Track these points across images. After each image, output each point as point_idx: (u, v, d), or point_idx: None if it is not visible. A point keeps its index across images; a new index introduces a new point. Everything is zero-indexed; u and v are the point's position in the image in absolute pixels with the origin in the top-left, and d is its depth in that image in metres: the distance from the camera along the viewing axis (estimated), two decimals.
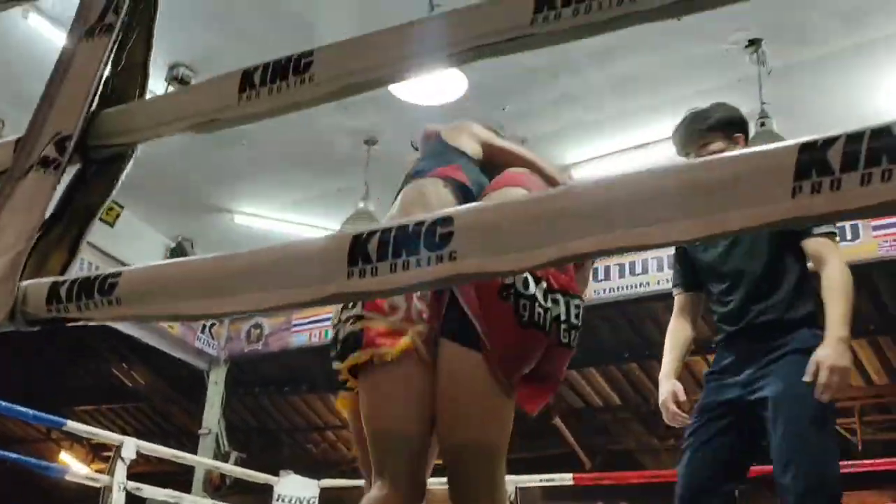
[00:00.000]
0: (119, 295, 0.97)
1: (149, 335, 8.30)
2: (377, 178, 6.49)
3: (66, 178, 1.23)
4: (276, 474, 6.69)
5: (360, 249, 0.84)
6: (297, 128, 6.32)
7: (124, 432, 11.19)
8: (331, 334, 1.99)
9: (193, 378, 10.36)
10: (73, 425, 5.40)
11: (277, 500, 6.45)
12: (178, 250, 8.02)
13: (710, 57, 5.41)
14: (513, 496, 5.74)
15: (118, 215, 7.44)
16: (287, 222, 7.54)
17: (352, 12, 5.17)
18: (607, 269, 6.87)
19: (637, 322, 8.71)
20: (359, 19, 5.10)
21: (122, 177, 1.25)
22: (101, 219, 4.80)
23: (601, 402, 10.01)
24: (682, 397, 2.70)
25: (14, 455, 5.53)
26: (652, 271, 6.72)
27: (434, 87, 5.35)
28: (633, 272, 6.72)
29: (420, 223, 0.82)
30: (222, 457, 8.11)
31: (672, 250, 6.47)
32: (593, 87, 5.78)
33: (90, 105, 1.20)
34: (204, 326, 8.58)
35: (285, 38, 5.19)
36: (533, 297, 1.85)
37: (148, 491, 5.80)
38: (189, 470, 11.06)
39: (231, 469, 6.91)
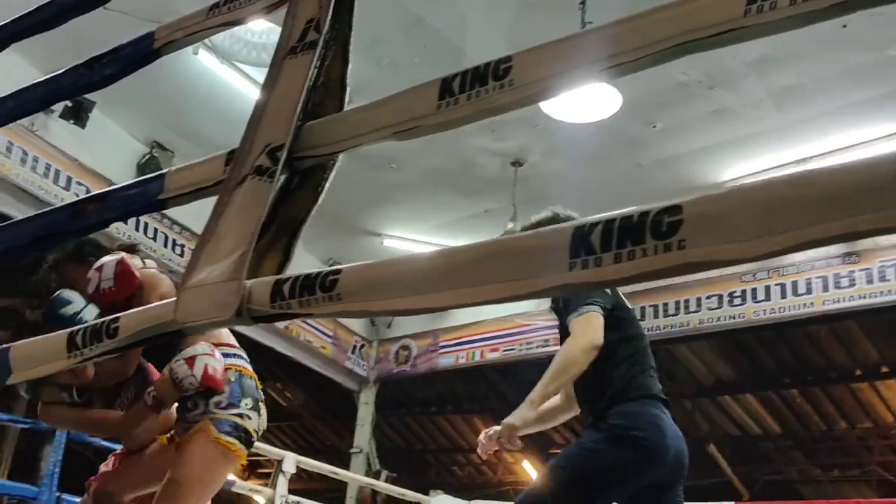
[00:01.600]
0: (340, 291, 1.01)
1: (304, 355, 8.61)
2: (525, 199, 6.51)
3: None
4: (425, 494, 6.76)
5: (582, 241, 0.85)
6: (444, 150, 6.44)
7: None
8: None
9: (343, 398, 10.65)
10: None
11: None
12: None
13: (875, 64, 5.16)
14: None
15: None
16: (436, 245, 7.67)
17: (500, 35, 5.24)
18: (767, 290, 6.60)
19: (798, 346, 8.33)
20: (507, 42, 5.16)
21: (327, 186, 1.30)
22: None
23: (759, 429, 9.59)
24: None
25: None
26: (816, 291, 6.40)
27: (586, 104, 5.32)
28: (795, 292, 6.42)
29: (645, 213, 0.82)
30: (373, 476, 8.26)
31: (832, 269, 6.16)
32: (751, 100, 5.61)
33: (298, 117, 1.27)
34: (354, 347, 8.81)
35: (434, 64, 5.32)
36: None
37: None
38: (339, 488, 11.33)
39: (385, 487, 7.01)
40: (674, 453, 2.67)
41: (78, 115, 6.25)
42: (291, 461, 5.67)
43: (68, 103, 6.16)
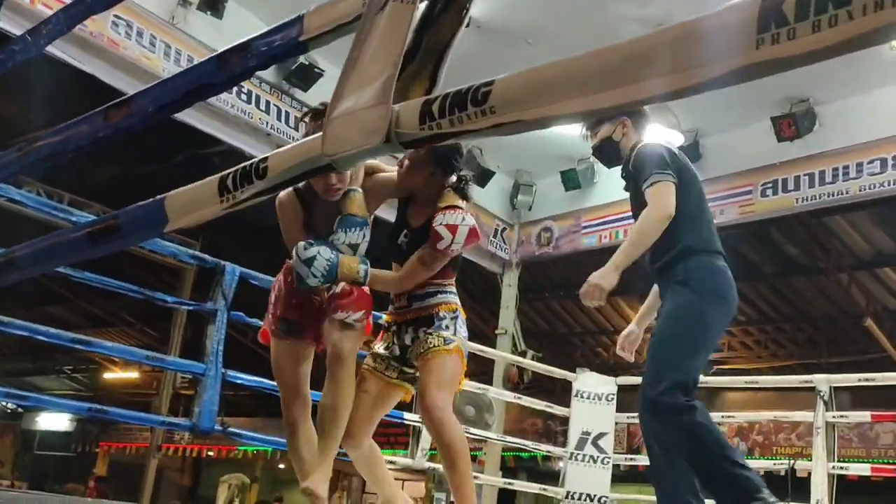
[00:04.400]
0: (493, 104, 0.94)
1: None
2: None
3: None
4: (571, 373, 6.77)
5: (772, 12, 0.74)
6: (584, 22, 6.16)
7: None
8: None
9: (485, 282, 10.76)
10: None
11: (577, 395, 6.53)
12: None
13: None
14: (826, 395, 5.38)
15: None
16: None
17: None
18: None
19: None
20: None
21: (471, 8, 1.22)
22: None
23: None
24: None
25: None
26: None
27: None
28: None
29: None
30: (519, 356, 8.38)
31: None
32: None
33: None
34: (496, 231, 8.82)
35: None
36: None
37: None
38: (485, 370, 11.54)
39: (531, 364, 7.09)
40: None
41: (214, 5, 6.34)
42: None
43: None
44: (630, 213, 3.32)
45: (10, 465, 18.62)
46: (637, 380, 7.28)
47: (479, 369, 12.19)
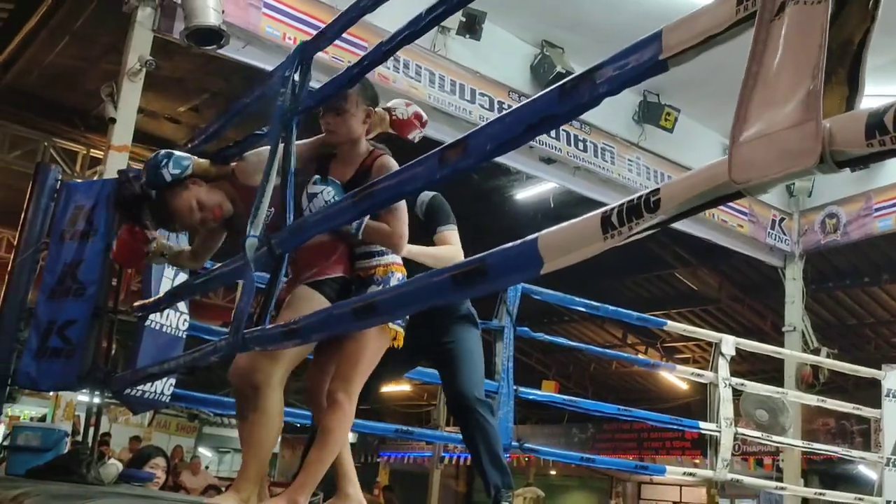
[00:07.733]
0: None
1: (719, 237, 8.30)
2: None
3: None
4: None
5: None
6: None
7: None
8: None
9: (762, 276, 10.14)
10: (672, 325, 5.60)
11: (888, 395, 5.94)
12: None
13: None
14: None
15: (675, 119, 7.48)
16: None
17: None
18: None
19: None
20: None
21: (881, 2, 1.07)
22: (659, 125, 4.80)
23: None
24: None
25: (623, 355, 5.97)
26: None
27: None
28: None
29: None
30: (812, 353, 7.79)
31: None
32: None
33: None
34: (773, 222, 8.29)
35: None
36: None
37: (750, 387, 5.78)
38: (765, 369, 10.88)
39: (832, 363, 6.55)
40: None
41: (472, 28, 6.46)
42: (730, 343, 5.48)
43: (462, 18, 6.38)
44: None
45: None
46: None
47: (758, 368, 11.52)
